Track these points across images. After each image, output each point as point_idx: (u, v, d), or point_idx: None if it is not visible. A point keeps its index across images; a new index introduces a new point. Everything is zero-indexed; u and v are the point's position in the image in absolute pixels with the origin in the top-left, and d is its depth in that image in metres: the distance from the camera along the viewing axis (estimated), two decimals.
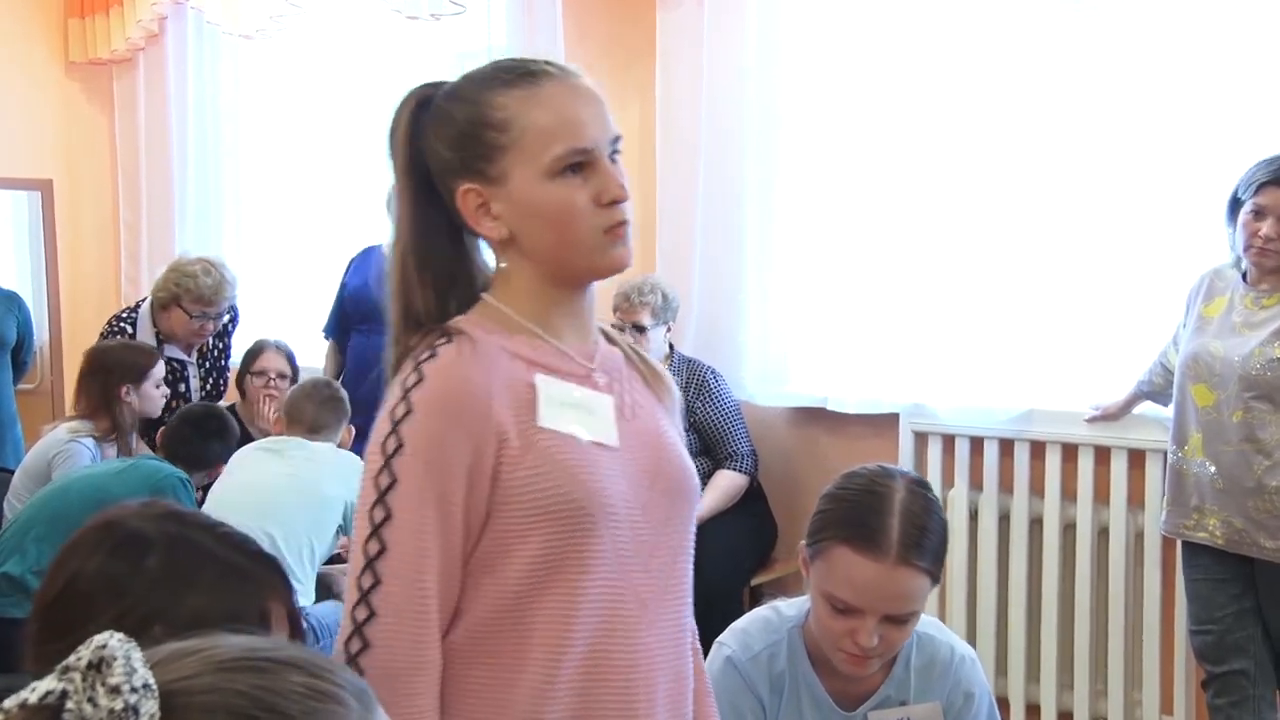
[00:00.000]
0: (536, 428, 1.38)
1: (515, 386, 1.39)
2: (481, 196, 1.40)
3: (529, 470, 1.36)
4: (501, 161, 1.39)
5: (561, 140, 1.38)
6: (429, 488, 1.33)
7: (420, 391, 1.35)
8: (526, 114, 1.38)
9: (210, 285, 4.22)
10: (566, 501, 1.36)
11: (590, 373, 1.47)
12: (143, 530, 1.29)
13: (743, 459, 3.98)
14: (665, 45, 4.23)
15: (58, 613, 1.25)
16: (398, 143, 1.46)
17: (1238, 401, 2.98)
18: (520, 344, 1.43)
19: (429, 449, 1.33)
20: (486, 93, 1.41)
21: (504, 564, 1.36)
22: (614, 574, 1.39)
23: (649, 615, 1.43)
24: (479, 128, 1.39)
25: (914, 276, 3.88)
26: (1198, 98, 3.43)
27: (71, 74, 5.91)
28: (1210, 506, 3.05)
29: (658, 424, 1.52)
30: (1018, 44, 3.68)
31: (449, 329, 1.41)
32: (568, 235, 1.40)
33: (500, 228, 1.41)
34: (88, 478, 3.47)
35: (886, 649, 1.81)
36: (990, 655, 3.70)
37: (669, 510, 1.48)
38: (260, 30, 5.15)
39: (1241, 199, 3.01)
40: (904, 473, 1.87)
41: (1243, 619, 3.05)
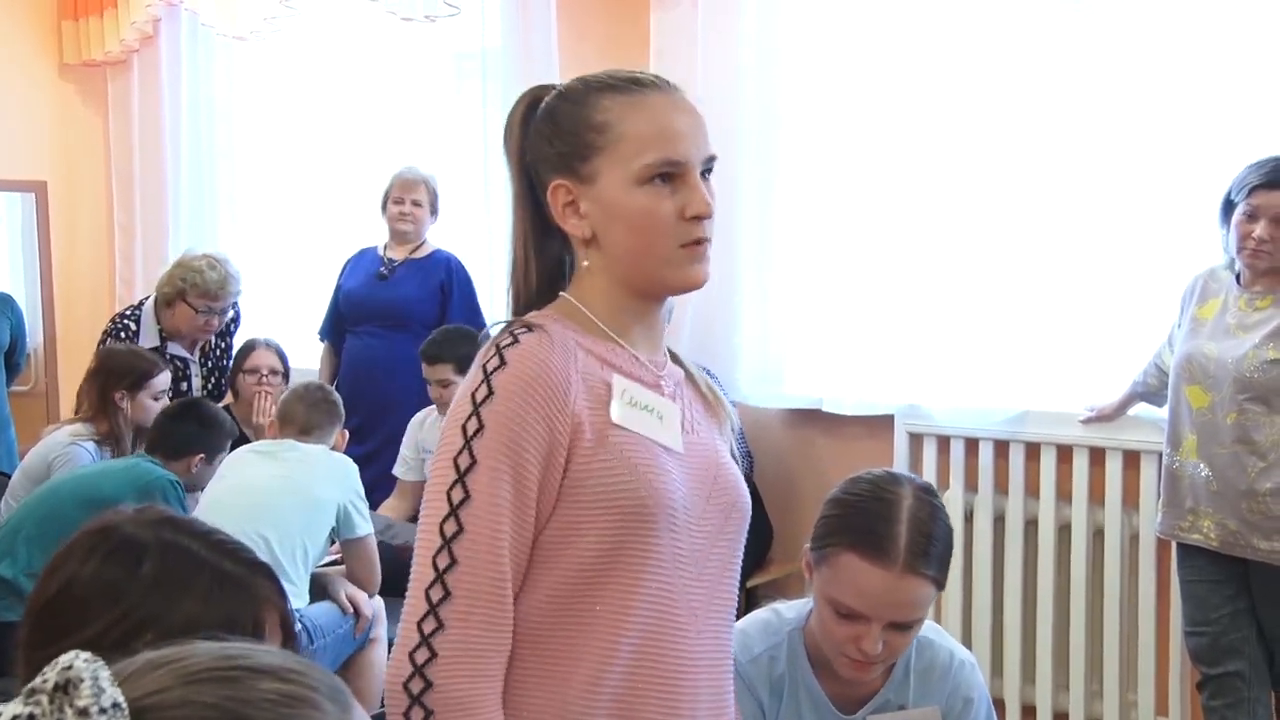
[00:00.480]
0: (610, 424, 1.40)
1: (591, 381, 1.42)
2: (571, 194, 1.44)
3: (601, 463, 1.38)
4: (595, 161, 1.42)
5: (655, 149, 1.41)
6: (507, 470, 1.35)
7: (502, 375, 1.37)
8: (626, 119, 1.42)
9: (216, 280, 4.23)
10: (633, 498, 1.38)
11: (659, 381, 1.50)
12: (137, 536, 1.28)
13: (738, 460, 3.94)
14: (660, 45, 4.22)
15: (51, 618, 1.24)
16: (511, 138, 1.50)
17: (1232, 403, 2.98)
18: (596, 343, 1.46)
19: (509, 431, 1.35)
20: (593, 95, 1.45)
21: (563, 554, 1.38)
22: (669, 576, 1.41)
23: (698, 624, 1.45)
24: (580, 127, 1.43)
25: (909, 278, 3.87)
26: (1191, 100, 3.44)
27: (65, 76, 5.88)
28: (1205, 508, 3.05)
29: (715, 443, 1.56)
30: (1012, 47, 3.67)
31: (529, 321, 1.44)
32: (647, 242, 1.42)
33: (585, 226, 1.44)
34: (78, 479, 3.46)
35: (890, 655, 1.80)
36: (986, 656, 3.69)
37: (722, 524, 1.50)
38: (254, 32, 5.13)
39: (1234, 201, 3.01)
40: (911, 478, 1.86)
41: (1238, 620, 3.04)
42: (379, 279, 4.43)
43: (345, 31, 5.13)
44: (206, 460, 3.57)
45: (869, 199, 3.94)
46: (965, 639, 3.70)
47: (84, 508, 3.28)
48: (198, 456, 3.56)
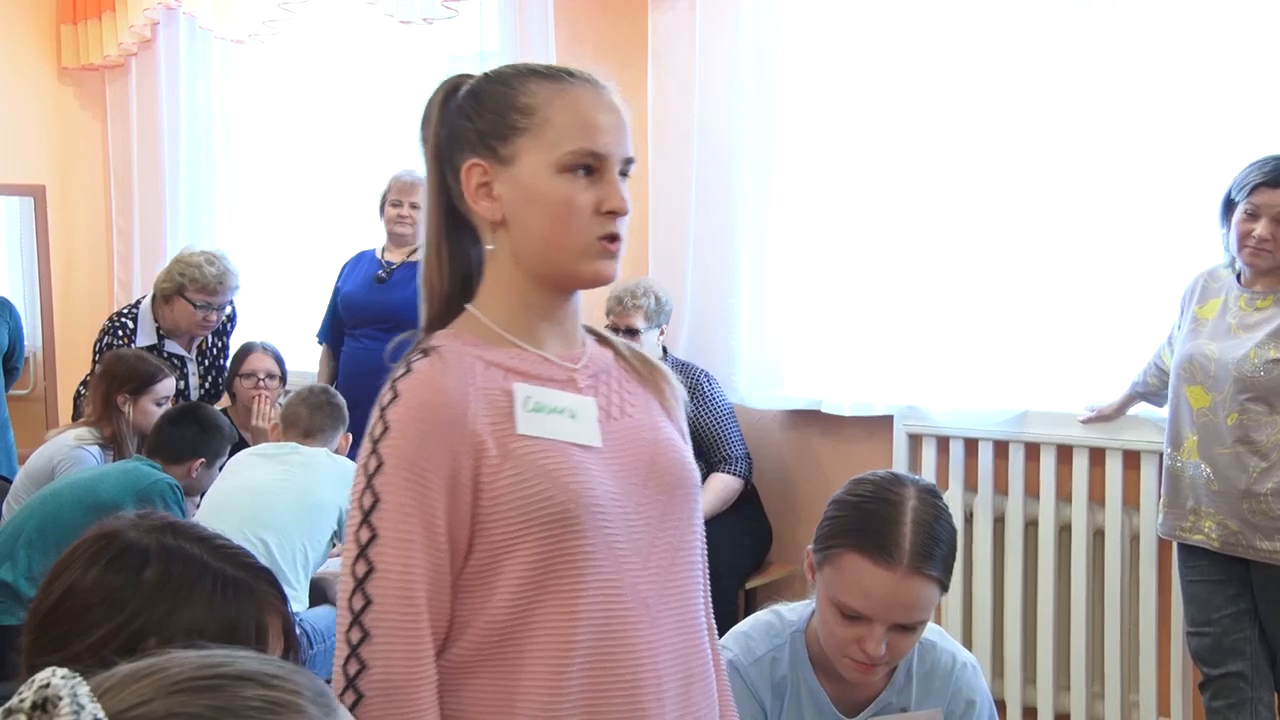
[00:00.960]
0: (515, 435, 1.38)
1: (492, 395, 1.39)
2: (486, 174, 1.42)
3: (510, 478, 1.36)
4: (516, 143, 1.41)
5: (578, 138, 1.40)
6: (411, 503, 1.33)
7: (395, 408, 1.36)
8: (552, 104, 1.41)
9: (214, 275, 4.23)
10: (551, 505, 1.35)
11: (572, 376, 1.47)
12: (139, 542, 1.27)
13: (737, 462, 3.96)
14: (658, 46, 4.21)
15: (53, 626, 1.23)
16: (429, 124, 1.48)
17: (1233, 403, 2.97)
18: (497, 354, 1.43)
19: (408, 464, 1.34)
20: (521, 78, 1.44)
21: (498, 576, 1.36)
22: (611, 573, 1.38)
23: (651, 614, 1.42)
24: (504, 107, 1.42)
25: (908, 278, 3.86)
26: (1191, 99, 3.42)
27: (64, 80, 5.88)
28: (1206, 508, 3.04)
29: (652, 420, 1.52)
30: (1011, 46, 3.66)
31: (427, 345, 1.42)
32: (560, 231, 1.40)
33: (496, 209, 1.42)
34: (77, 483, 3.45)
35: (893, 657, 1.79)
36: (986, 658, 3.67)
37: (665, 506, 1.47)
38: (253, 35, 5.12)
39: (1235, 200, 3.00)
40: (914, 479, 1.85)
41: (1239, 621, 3.03)
42: (377, 282, 4.42)
43: (343, 34, 5.13)
44: (206, 465, 3.57)
45: (867, 199, 3.93)
46: (966, 640, 3.68)
47: (83, 511, 3.28)
48: (198, 461, 3.55)
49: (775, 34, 4.03)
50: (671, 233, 4.21)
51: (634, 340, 3.92)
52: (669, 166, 4.19)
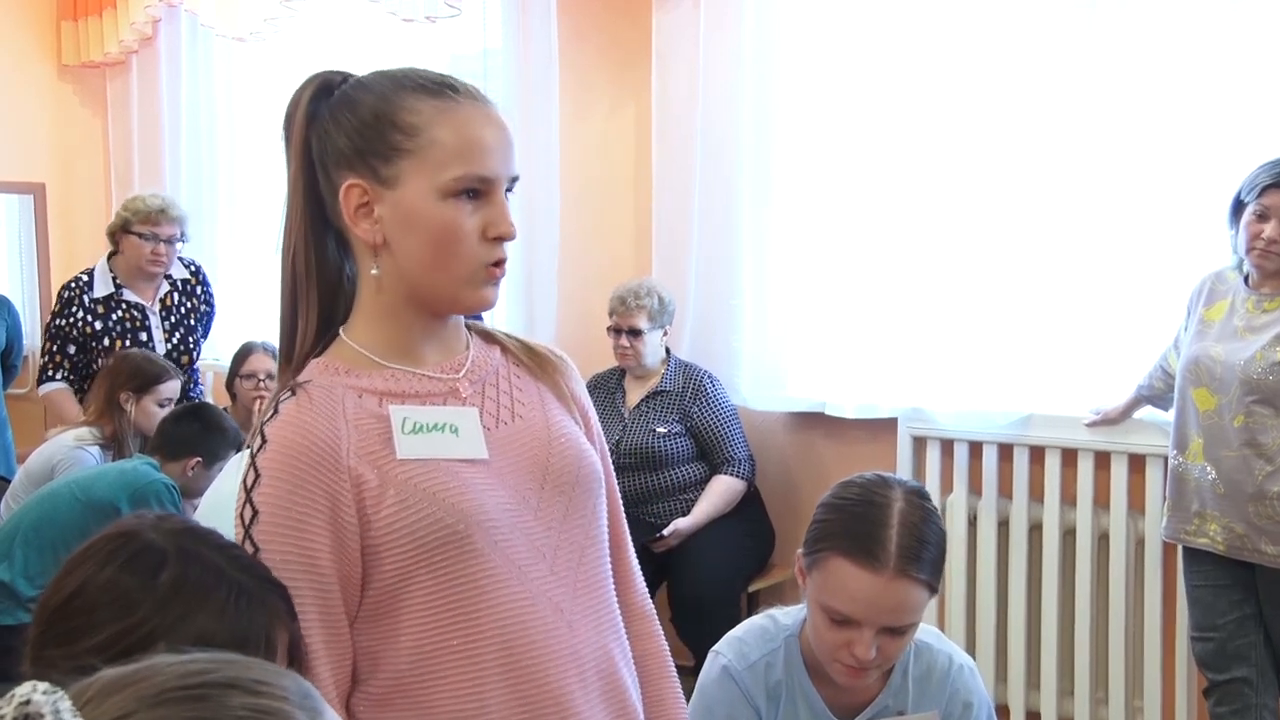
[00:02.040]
0: (395, 461, 1.35)
1: (365, 424, 1.36)
2: (366, 195, 1.36)
3: (393, 505, 1.33)
4: (398, 164, 1.35)
5: (466, 162, 1.34)
6: (292, 551, 1.31)
7: (264, 455, 1.33)
8: (437, 125, 1.34)
9: (156, 204, 4.27)
10: (438, 527, 1.33)
11: (454, 386, 1.43)
12: (158, 544, 1.27)
13: (740, 464, 3.97)
14: (661, 46, 4.22)
15: (61, 620, 1.23)
16: (296, 125, 1.42)
17: (1239, 406, 2.97)
18: (371, 379, 1.39)
19: (283, 511, 1.31)
20: (401, 92, 1.36)
21: (400, 605, 1.34)
22: (515, 586, 1.36)
23: (566, 617, 1.40)
24: (384, 125, 1.35)
25: (912, 279, 3.86)
26: (1198, 99, 3.42)
27: (64, 77, 5.90)
28: (1211, 512, 3.04)
29: (545, 418, 1.48)
30: (1016, 49, 3.66)
31: (294, 383, 1.39)
32: (444, 257, 1.36)
33: (377, 232, 1.37)
34: (73, 482, 3.46)
35: (884, 660, 1.79)
36: (990, 662, 3.68)
37: (567, 506, 1.44)
38: (254, 33, 5.14)
39: (1245, 201, 3.00)
40: (902, 482, 1.85)
41: (1244, 626, 3.03)
42: None
43: (345, 33, 5.13)
44: (204, 465, 3.54)
45: (871, 199, 3.94)
46: (969, 644, 3.69)
47: (79, 510, 3.30)
48: (194, 460, 3.52)
49: (779, 34, 4.03)
50: (674, 233, 4.21)
51: (637, 341, 3.93)
52: (672, 167, 4.20)
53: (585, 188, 4.43)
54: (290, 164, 1.43)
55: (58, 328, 4.32)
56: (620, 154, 4.45)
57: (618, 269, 4.34)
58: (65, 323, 4.31)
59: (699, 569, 3.75)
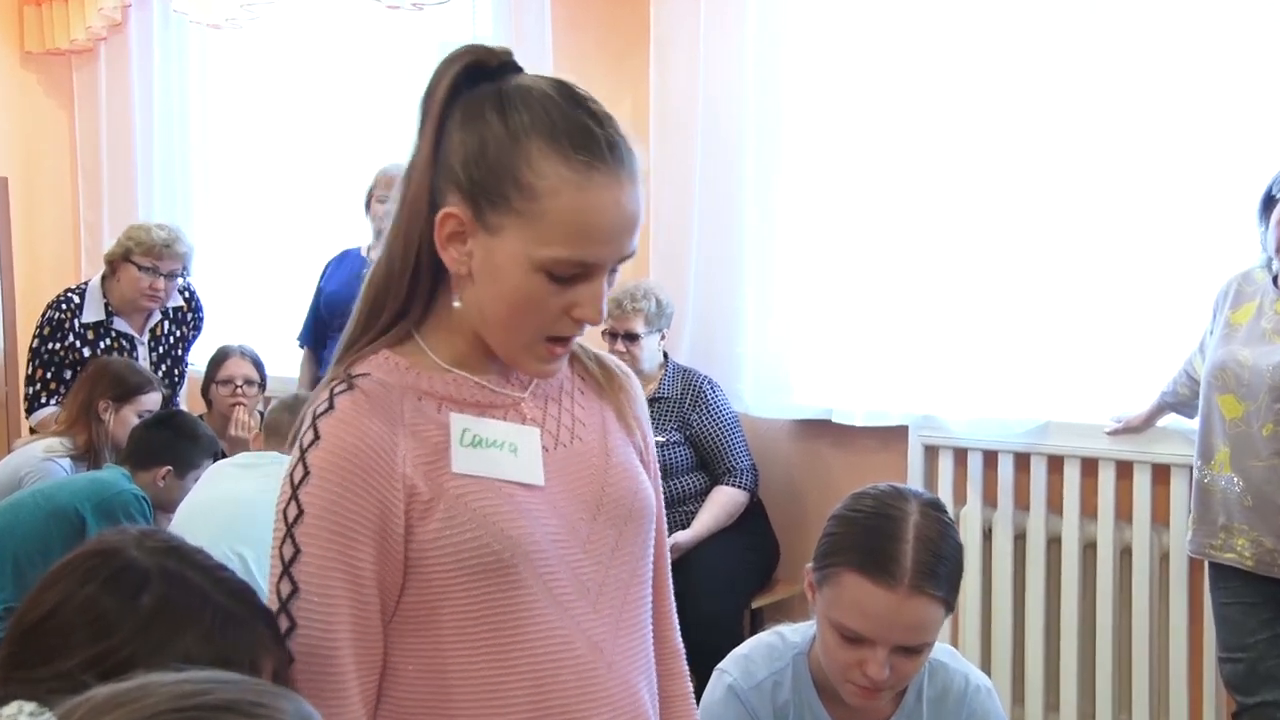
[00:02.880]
0: (449, 473, 1.34)
1: (424, 430, 1.35)
2: (463, 228, 1.33)
3: (440, 520, 1.32)
4: (505, 218, 1.30)
5: (573, 247, 1.30)
6: (334, 556, 1.30)
7: (316, 452, 1.32)
8: (558, 197, 1.28)
9: (162, 238, 4.27)
10: (485, 553, 1.32)
11: (518, 402, 1.42)
12: (140, 563, 1.26)
13: (742, 474, 3.97)
14: (660, 35, 4.23)
15: (35, 640, 1.22)
16: (433, 104, 1.35)
17: (1268, 413, 2.96)
18: (433, 381, 1.38)
19: (330, 514, 1.30)
20: (537, 146, 1.29)
21: (431, 622, 1.34)
22: (555, 622, 1.35)
23: (606, 658, 1.39)
24: (503, 174, 1.30)
25: (923, 279, 3.87)
26: (1221, 93, 3.42)
27: (28, 65, 5.90)
28: (1239, 525, 3.03)
29: (605, 443, 1.47)
30: (1030, 41, 3.67)
31: (352, 374, 1.37)
32: (515, 321, 1.34)
33: (464, 265, 1.34)
34: (38, 491, 3.48)
35: (898, 680, 1.80)
36: (1006, 683, 3.69)
37: (616, 540, 1.43)
38: (230, 20, 5.14)
39: (1276, 197, 2.98)
40: (917, 494, 1.85)
41: (1275, 646, 3.02)
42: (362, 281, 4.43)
43: (327, 20, 5.14)
44: (176, 474, 3.56)
45: (879, 196, 3.94)
46: (985, 664, 3.69)
47: (42, 519, 3.31)
48: (165, 469, 3.54)
49: (784, 22, 4.04)
50: (673, 232, 4.22)
51: (633, 345, 3.93)
52: (671, 162, 4.21)
53: None
54: (420, 144, 1.36)
55: (50, 352, 4.32)
56: None
57: None
58: (59, 347, 4.31)
59: (700, 584, 3.75)
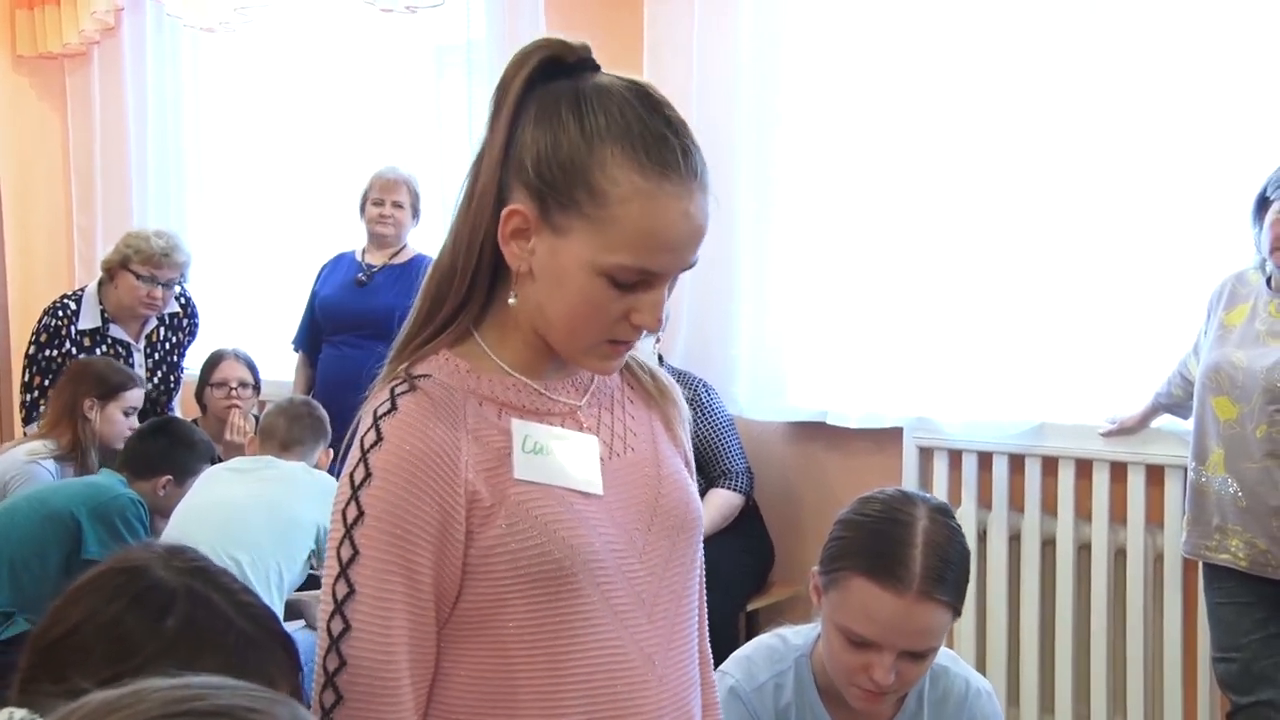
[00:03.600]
0: (511, 480, 1.33)
1: (486, 435, 1.34)
2: (528, 225, 1.32)
3: (502, 527, 1.31)
4: (572, 220, 1.29)
5: (639, 255, 1.29)
6: (393, 560, 1.29)
7: (379, 454, 1.30)
8: (629, 204, 1.28)
9: (161, 246, 4.26)
10: (547, 560, 1.31)
11: (575, 410, 1.43)
12: (167, 584, 1.25)
13: (737, 477, 3.97)
14: (654, 38, 4.23)
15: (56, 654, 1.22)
16: (508, 97, 1.33)
17: (1262, 415, 2.97)
18: (493, 385, 1.38)
19: (392, 517, 1.29)
20: (608, 148, 1.28)
21: (484, 630, 1.33)
22: (611, 633, 1.35)
23: (658, 670, 1.38)
24: (575, 176, 1.29)
25: (918, 281, 3.87)
26: (1214, 94, 3.43)
27: (19, 68, 5.88)
28: (1233, 526, 3.04)
29: (656, 453, 1.48)
30: (1024, 43, 3.67)
31: (413, 374, 1.36)
32: (575, 324, 1.34)
33: (525, 262, 1.33)
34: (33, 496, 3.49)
35: (903, 685, 1.80)
36: (1002, 684, 3.69)
37: (670, 551, 1.43)
38: (224, 23, 5.13)
39: (1270, 198, 2.99)
40: (926, 499, 1.86)
41: (1269, 646, 3.03)
42: (357, 286, 4.43)
43: (321, 23, 5.14)
44: (176, 482, 3.56)
45: (873, 198, 3.94)
46: (980, 666, 3.70)
47: (37, 524, 3.31)
48: (165, 478, 3.55)
49: (779, 25, 4.04)
50: None
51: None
52: None
53: None
54: (491, 137, 1.35)
55: (47, 359, 4.31)
56: None
57: None
58: (55, 354, 4.30)
59: None
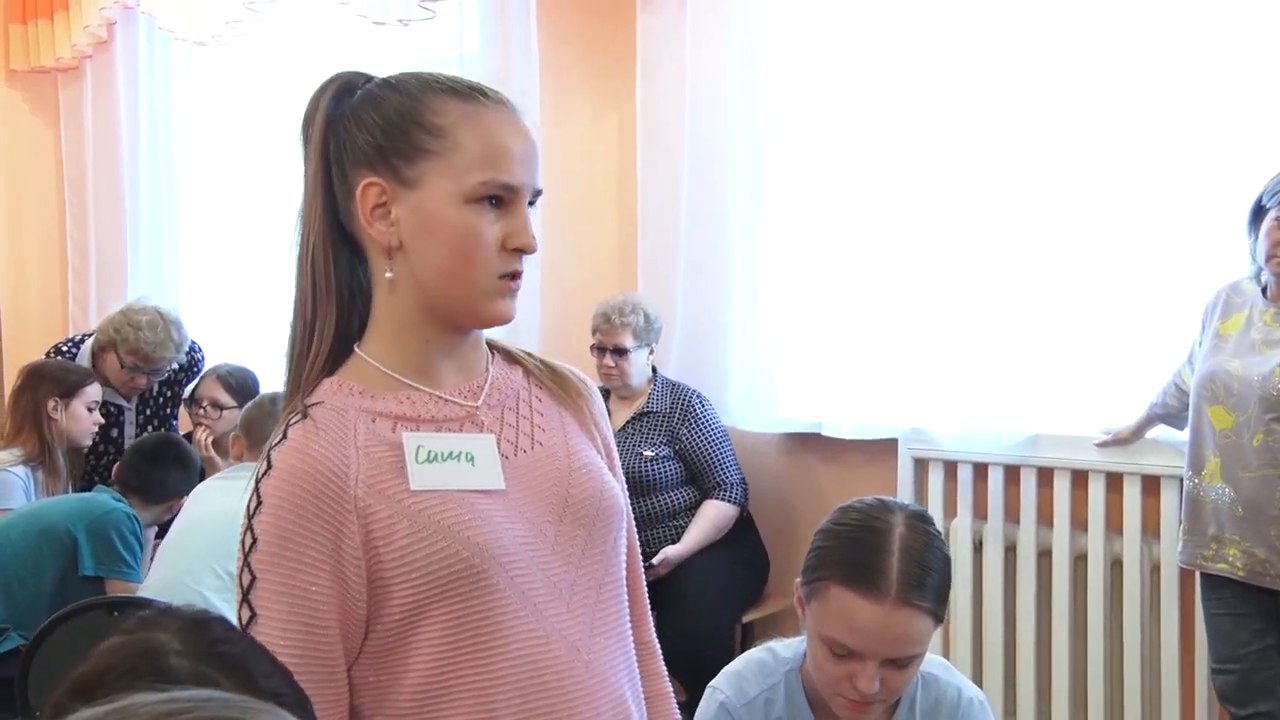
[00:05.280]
0: (407, 491, 1.35)
1: (377, 452, 1.37)
2: (385, 195, 1.38)
3: (405, 538, 1.33)
4: (421, 165, 1.37)
5: (492, 168, 1.36)
6: (287, 582, 1.31)
7: (269, 481, 1.34)
8: (464, 129, 1.37)
9: (150, 341, 4.19)
10: (454, 561, 1.33)
11: (473, 412, 1.44)
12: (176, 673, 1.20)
13: (732, 488, 3.96)
14: (646, 51, 4.23)
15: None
16: (314, 126, 1.44)
17: (1258, 424, 2.97)
18: (386, 401, 1.40)
19: (281, 541, 1.32)
20: (429, 93, 1.39)
21: (410, 643, 1.34)
22: (531, 624, 1.37)
23: (583, 657, 1.40)
24: (409, 124, 1.37)
25: (912, 292, 3.87)
26: (1209, 104, 3.43)
27: (13, 83, 5.88)
28: (1230, 535, 3.04)
29: (566, 447, 1.50)
30: (1020, 52, 3.67)
31: (305, 405, 1.39)
32: (462, 265, 1.37)
33: (393, 234, 1.38)
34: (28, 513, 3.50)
35: (888, 694, 1.79)
36: (998, 695, 3.67)
37: (586, 540, 1.45)
38: (216, 37, 5.13)
39: (1265, 207, 3.00)
40: (903, 506, 1.85)
41: (1267, 657, 3.02)
42: None
43: (313, 36, 5.13)
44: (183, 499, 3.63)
45: (866, 209, 3.95)
46: (977, 677, 3.68)
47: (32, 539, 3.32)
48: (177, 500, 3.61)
49: (770, 37, 4.04)
50: (661, 246, 4.22)
51: (622, 360, 3.92)
52: (658, 176, 4.21)
53: (567, 199, 4.43)
54: (309, 166, 1.43)
55: None
56: (603, 163, 4.46)
57: (601, 284, 4.34)
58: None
59: (690, 599, 3.73)
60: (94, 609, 2.96)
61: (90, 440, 4.09)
